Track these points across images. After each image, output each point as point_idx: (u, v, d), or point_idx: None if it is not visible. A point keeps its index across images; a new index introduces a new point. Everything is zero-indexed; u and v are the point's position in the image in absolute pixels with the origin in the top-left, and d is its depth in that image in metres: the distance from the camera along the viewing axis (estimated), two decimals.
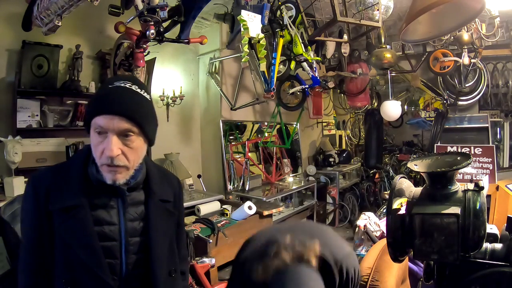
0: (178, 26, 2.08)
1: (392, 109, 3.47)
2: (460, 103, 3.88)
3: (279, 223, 1.12)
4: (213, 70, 3.54)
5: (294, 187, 3.82)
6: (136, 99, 0.87)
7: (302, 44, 2.80)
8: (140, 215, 0.93)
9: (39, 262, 0.85)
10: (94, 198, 0.87)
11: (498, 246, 0.92)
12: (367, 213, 3.01)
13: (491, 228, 0.97)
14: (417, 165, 1.02)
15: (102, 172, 0.85)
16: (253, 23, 2.06)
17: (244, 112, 3.71)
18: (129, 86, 0.87)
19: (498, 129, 3.85)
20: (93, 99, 0.90)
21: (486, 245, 0.92)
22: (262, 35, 2.14)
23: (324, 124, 5.49)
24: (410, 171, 3.30)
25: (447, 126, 3.94)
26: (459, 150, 3.39)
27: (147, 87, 1.00)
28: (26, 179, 2.04)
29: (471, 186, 0.94)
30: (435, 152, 3.64)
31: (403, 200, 1.02)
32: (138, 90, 0.88)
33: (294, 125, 4.39)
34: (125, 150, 0.85)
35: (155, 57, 2.96)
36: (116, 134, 0.83)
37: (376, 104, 4.86)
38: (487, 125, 3.69)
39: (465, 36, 3.10)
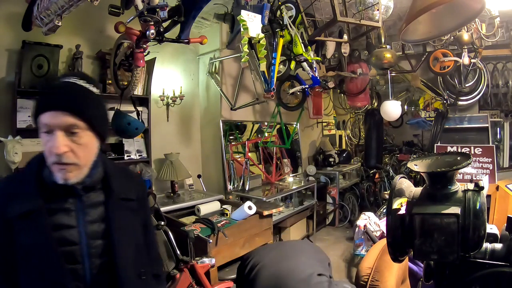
0: (178, 26, 2.07)
1: (392, 109, 3.46)
2: (460, 103, 3.88)
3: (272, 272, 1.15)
4: (213, 70, 3.54)
5: (294, 187, 3.82)
6: (81, 94, 0.85)
7: (302, 44, 2.80)
8: (100, 217, 0.89)
9: (4, 273, 0.82)
10: (51, 201, 0.83)
11: (498, 246, 0.93)
12: (367, 213, 3.02)
13: (491, 228, 0.97)
14: (417, 165, 1.02)
15: (53, 171, 0.82)
16: (253, 23, 2.06)
17: (244, 112, 3.71)
18: (75, 80, 0.86)
19: (498, 129, 3.85)
20: (37, 98, 0.87)
21: (486, 245, 0.92)
22: (262, 35, 2.14)
23: (324, 124, 5.50)
24: (410, 171, 3.30)
25: (447, 126, 3.94)
26: (459, 150, 3.39)
27: (97, 82, 0.98)
28: None
29: (471, 186, 0.94)
30: (435, 152, 3.64)
31: (403, 200, 1.02)
32: (85, 85, 0.86)
33: (294, 125, 4.39)
34: (74, 147, 0.82)
35: (155, 57, 2.96)
36: (62, 130, 0.80)
37: (376, 104, 4.86)
38: (487, 125, 3.69)
39: (465, 36, 3.10)
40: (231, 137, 3.70)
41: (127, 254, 0.90)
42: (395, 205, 1.00)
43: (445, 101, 3.97)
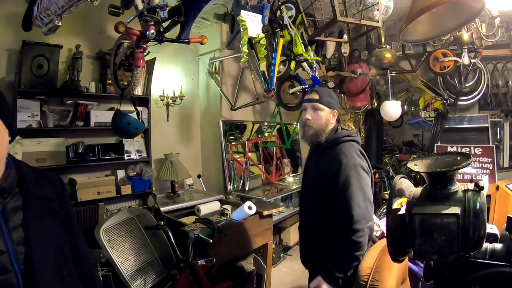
0: (178, 26, 2.07)
1: (392, 109, 3.46)
2: (460, 103, 3.88)
3: None
4: (213, 70, 3.54)
5: (294, 187, 3.82)
6: None
7: (302, 44, 2.80)
8: (21, 222, 0.85)
9: None
10: None
11: (498, 246, 0.93)
12: None
13: (491, 228, 0.97)
14: (417, 165, 1.02)
15: None
16: (253, 23, 2.06)
17: (244, 112, 3.71)
18: None
19: (498, 129, 3.85)
20: None
21: (486, 245, 0.92)
22: (262, 35, 2.14)
23: None
24: (410, 171, 3.30)
25: (447, 126, 3.94)
26: (459, 150, 3.38)
27: None
28: None
29: (471, 186, 0.94)
30: (435, 152, 3.64)
31: (403, 200, 1.02)
32: None
33: (294, 125, 4.39)
34: None
35: (155, 57, 2.96)
36: None
37: (376, 104, 4.85)
38: (487, 125, 3.68)
39: (465, 36, 3.10)
40: (231, 137, 3.70)
41: (48, 259, 0.87)
42: (395, 205, 1.00)
43: (445, 101, 3.96)
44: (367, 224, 1.43)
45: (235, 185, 3.48)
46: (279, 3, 2.79)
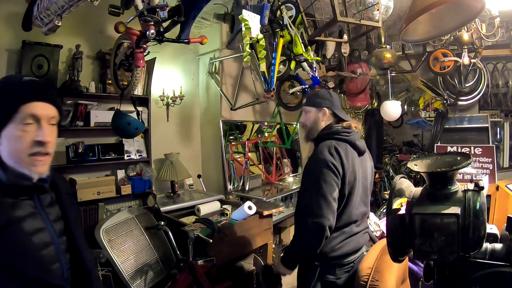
0: (178, 26, 2.07)
1: (392, 109, 3.46)
2: (460, 103, 3.88)
3: None
4: (213, 70, 3.54)
5: (294, 187, 3.81)
6: (56, 91, 0.93)
7: (302, 44, 2.80)
8: (58, 215, 0.92)
9: None
10: (13, 209, 0.79)
11: (498, 246, 0.93)
12: None
13: (491, 228, 0.97)
14: (417, 165, 1.02)
15: (27, 166, 0.80)
16: (252, 23, 2.06)
17: (244, 112, 3.71)
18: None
19: (498, 129, 3.85)
20: (13, 88, 0.83)
21: (486, 245, 0.92)
22: (261, 35, 2.14)
23: None
24: (410, 171, 3.30)
25: (447, 126, 3.94)
26: (459, 150, 3.38)
27: None
28: None
29: (471, 186, 0.94)
30: (435, 152, 3.64)
31: (403, 200, 1.02)
32: None
33: (294, 125, 4.39)
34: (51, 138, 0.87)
35: (155, 57, 2.96)
36: (45, 122, 0.84)
37: (376, 104, 4.85)
38: (487, 125, 3.68)
39: (465, 36, 3.10)
40: (231, 137, 3.70)
41: (86, 246, 0.97)
42: (395, 205, 1.00)
43: (445, 101, 3.97)
44: (313, 219, 1.39)
45: (235, 185, 3.48)
46: (279, 3, 2.79)
